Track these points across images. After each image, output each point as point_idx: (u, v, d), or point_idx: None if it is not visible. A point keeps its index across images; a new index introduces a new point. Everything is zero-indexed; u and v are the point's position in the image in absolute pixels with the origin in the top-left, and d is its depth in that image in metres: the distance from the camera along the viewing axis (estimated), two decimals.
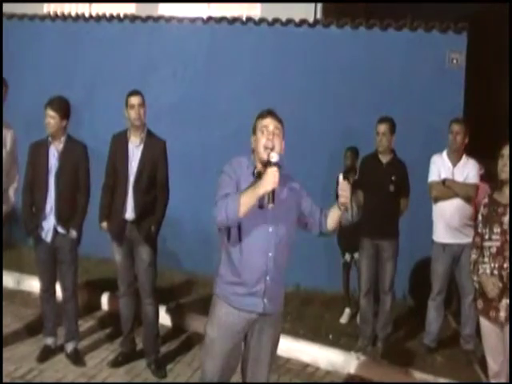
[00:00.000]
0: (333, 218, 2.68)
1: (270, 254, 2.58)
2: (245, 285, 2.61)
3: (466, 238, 4.18)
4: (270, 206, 2.46)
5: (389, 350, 4.36)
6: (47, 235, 3.88)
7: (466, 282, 4.23)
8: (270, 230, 2.58)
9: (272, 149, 2.55)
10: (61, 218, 3.86)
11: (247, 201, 2.47)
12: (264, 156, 2.57)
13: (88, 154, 3.98)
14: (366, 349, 4.34)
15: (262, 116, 2.66)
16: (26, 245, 6.04)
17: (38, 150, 3.92)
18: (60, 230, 3.87)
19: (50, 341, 4.04)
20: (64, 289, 3.98)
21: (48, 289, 4.01)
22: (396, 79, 5.61)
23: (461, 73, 5.52)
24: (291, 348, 4.31)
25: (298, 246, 5.58)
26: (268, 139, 2.58)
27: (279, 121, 2.65)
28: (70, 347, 3.98)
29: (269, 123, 2.61)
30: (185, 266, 5.87)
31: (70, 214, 3.88)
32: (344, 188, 2.55)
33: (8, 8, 6.89)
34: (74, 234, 3.88)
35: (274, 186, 2.43)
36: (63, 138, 3.90)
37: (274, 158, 2.49)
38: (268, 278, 2.59)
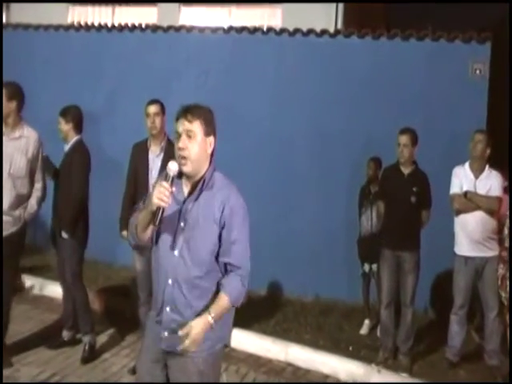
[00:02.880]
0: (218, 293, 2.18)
1: (170, 282, 2.18)
2: (154, 310, 2.31)
3: (488, 251, 4.13)
4: (152, 227, 2.14)
5: (410, 363, 4.30)
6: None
7: (489, 296, 4.16)
8: (176, 253, 2.17)
9: (185, 157, 2.15)
10: (54, 217, 4.16)
11: (141, 219, 2.18)
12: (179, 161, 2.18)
13: (81, 160, 4.02)
14: (387, 361, 4.30)
15: (176, 117, 2.22)
16: (49, 250, 6.15)
17: None
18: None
19: (64, 333, 4.26)
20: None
21: (63, 281, 4.28)
22: (418, 90, 5.57)
23: (484, 83, 5.46)
24: (311, 359, 4.29)
25: (318, 256, 5.61)
26: (178, 147, 2.17)
27: (193, 120, 2.19)
28: (84, 340, 4.10)
29: (179, 125, 2.18)
30: None
31: (60, 214, 4.07)
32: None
33: (34, 19, 7.08)
34: (64, 235, 4.05)
35: (160, 204, 2.05)
36: (70, 143, 4.10)
37: (171, 168, 2.08)
38: (168, 309, 2.20)
